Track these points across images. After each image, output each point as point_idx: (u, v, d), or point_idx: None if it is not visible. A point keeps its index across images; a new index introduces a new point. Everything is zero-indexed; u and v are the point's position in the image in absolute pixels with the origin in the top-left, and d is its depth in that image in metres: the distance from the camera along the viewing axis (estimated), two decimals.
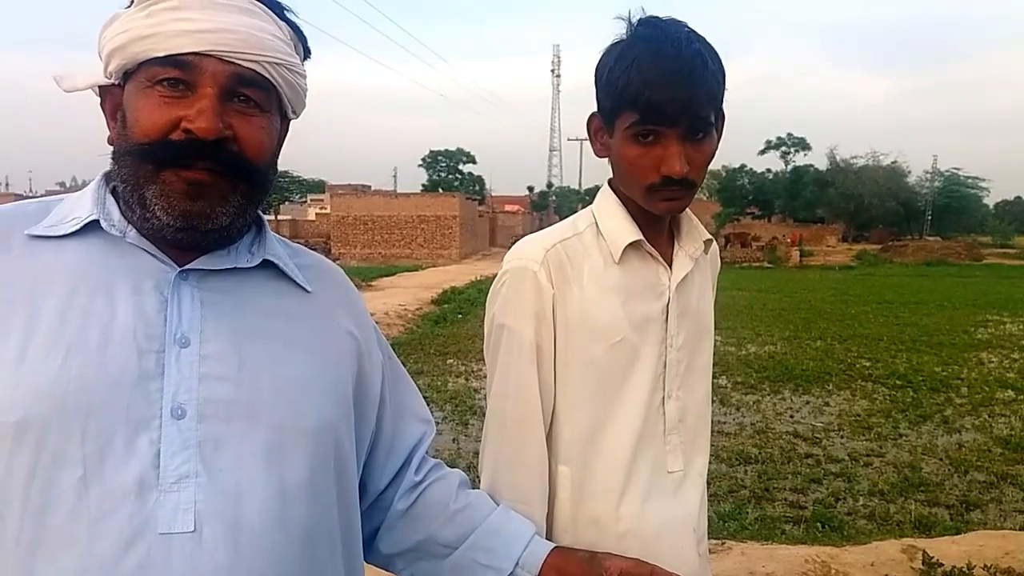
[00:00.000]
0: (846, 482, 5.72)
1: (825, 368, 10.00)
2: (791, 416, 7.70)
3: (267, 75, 0.96)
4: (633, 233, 1.30)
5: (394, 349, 1.26)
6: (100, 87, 0.99)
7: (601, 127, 1.31)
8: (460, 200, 40.49)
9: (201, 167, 0.92)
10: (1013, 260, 39.84)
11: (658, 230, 1.34)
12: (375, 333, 1.20)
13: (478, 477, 1.36)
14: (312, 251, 1.18)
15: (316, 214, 53.17)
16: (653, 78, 1.18)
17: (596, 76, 1.29)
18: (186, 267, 0.96)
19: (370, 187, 60.59)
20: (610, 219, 1.32)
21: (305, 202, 60.73)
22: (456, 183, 63.53)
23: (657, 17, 1.25)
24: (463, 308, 15.88)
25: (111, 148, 0.98)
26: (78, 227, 0.95)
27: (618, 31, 1.27)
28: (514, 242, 1.42)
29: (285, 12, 1.01)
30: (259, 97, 0.97)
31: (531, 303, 1.26)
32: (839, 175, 53.43)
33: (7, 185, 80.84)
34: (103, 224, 0.95)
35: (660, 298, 1.32)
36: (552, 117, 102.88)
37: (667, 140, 1.21)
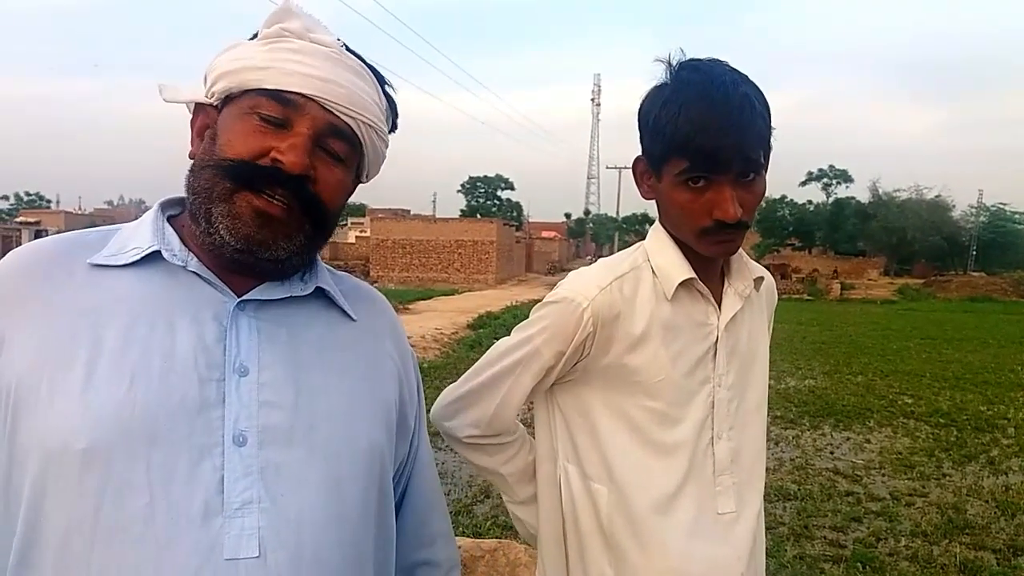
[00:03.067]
0: (887, 521, 5.60)
1: (866, 404, 9.82)
2: (831, 452, 7.56)
3: (358, 132, 1.02)
4: (686, 271, 1.30)
5: (430, 372, 1.34)
6: (196, 104, 1.03)
7: (647, 171, 1.32)
8: (498, 226, 40.66)
9: (278, 198, 0.96)
10: None
11: (710, 269, 1.34)
12: (415, 367, 1.23)
13: (504, 512, 1.39)
14: (353, 276, 1.21)
15: (356, 237, 53.68)
16: (703, 125, 1.17)
17: (641, 121, 1.29)
18: (244, 298, 0.99)
19: (409, 211, 61.21)
20: (662, 257, 1.32)
21: (346, 225, 61.48)
22: (494, 209, 63.94)
23: (699, 60, 1.26)
24: (498, 333, 15.81)
25: (191, 164, 1.01)
26: (139, 257, 0.97)
27: (658, 74, 1.27)
28: (550, 269, 1.49)
29: (386, 85, 1.07)
30: (345, 151, 1.02)
31: (566, 339, 1.30)
32: (881, 208, 52.71)
33: (58, 203, 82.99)
34: (164, 254, 0.98)
35: (708, 338, 1.32)
36: (591, 145, 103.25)
37: (719, 185, 1.21)
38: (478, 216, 54.87)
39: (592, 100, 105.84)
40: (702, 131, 1.17)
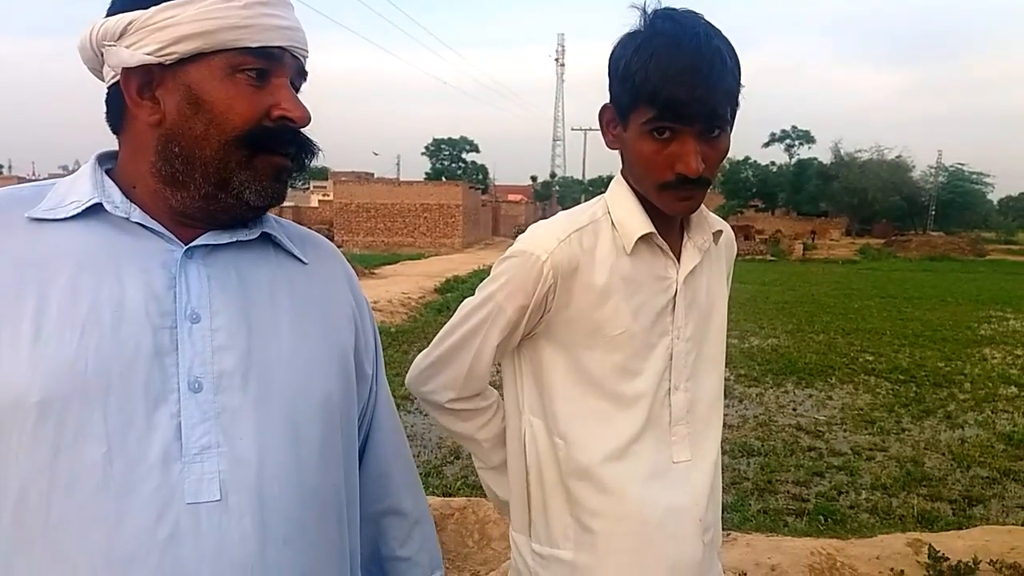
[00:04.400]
0: (848, 475, 5.73)
1: (828, 362, 10.00)
2: (794, 409, 7.70)
3: (306, 69, 1.05)
4: (645, 225, 1.29)
5: (398, 336, 1.29)
6: (127, 68, 0.96)
7: (614, 119, 1.29)
8: (463, 189, 40.42)
9: (290, 153, 1.00)
10: (1017, 256, 39.78)
11: (670, 223, 1.33)
12: (370, 315, 1.22)
13: (472, 471, 1.37)
14: (299, 225, 1.20)
15: (319, 201, 53.01)
16: (673, 75, 1.16)
17: (611, 67, 1.26)
18: (191, 244, 0.97)
19: (373, 175, 60.46)
20: (623, 210, 1.31)
21: (308, 189, 60.61)
22: (459, 172, 63.57)
23: (674, 9, 1.23)
24: (465, 296, 15.68)
25: (159, 132, 0.96)
26: (79, 210, 0.95)
27: (631, 21, 1.24)
28: (518, 231, 1.46)
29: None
30: (301, 87, 1.05)
31: (527, 293, 1.29)
32: (843, 169, 53.42)
33: (10, 168, 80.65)
34: (106, 206, 0.95)
35: (667, 291, 1.32)
36: (556, 107, 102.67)
37: (684, 138, 1.19)
38: (443, 179, 54.51)
39: (556, 60, 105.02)
40: (671, 81, 1.16)
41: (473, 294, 1.41)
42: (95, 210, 0.95)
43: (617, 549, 1.31)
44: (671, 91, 1.16)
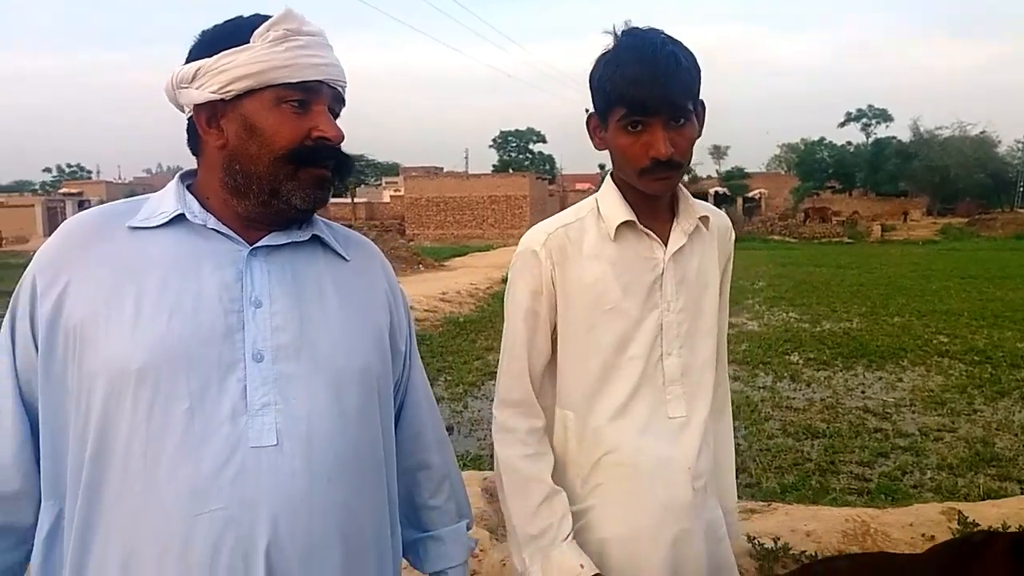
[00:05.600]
0: (914, 456, 5.70)
1: (901, 344, 9.82)
2: (862, 392, 7.64)
3: (344, 96, 1.28)
4: (626, 213, 1.51)
5: (465, 326, 1.46)
6: (195, 104, 1.22)
7: (598, 125, 1.53)
8: (530, 180, 40.61)
9: (329, 165, 1.23)
10: None
11: (656, 211, 1.54)
12: (404, 301, 1.46)
13: None
14: (345, 227, 1.46)
15: (391, 196, 53.87)
16: (635, 76, 1.39)
17: (590, 82, 1.50)
18: (255, 245, 1.23)
19: (442, 169, 61.16)
20: (607, 204, 1.54)
21: (380, 185, 61.66)
22: (527, 163, 63.69)
23: (637, 27, 1.46)
24: None
25: (224, 154, 1.21)
26: (167, 220, 1.21)
27: (606, 43, 1.47)
28: None
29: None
30: (339, 111, 1.28)
31: (531, 279, 1.52)
32: (923, 147, 51.33)
33: (98, 173, 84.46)
34: (188, 216, 1.21)
35: (655, 269, 1.52)
36: None
37: (653, 128, 1.41)
38: (511, 171, 54.71)
39: None
40: (635, 82, 1.39)
41: None
42: (179, 219, 1.21)
43: (616, 492, 1.51)
44: (635, 90, 1.39)
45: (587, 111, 1.54)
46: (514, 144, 67.41)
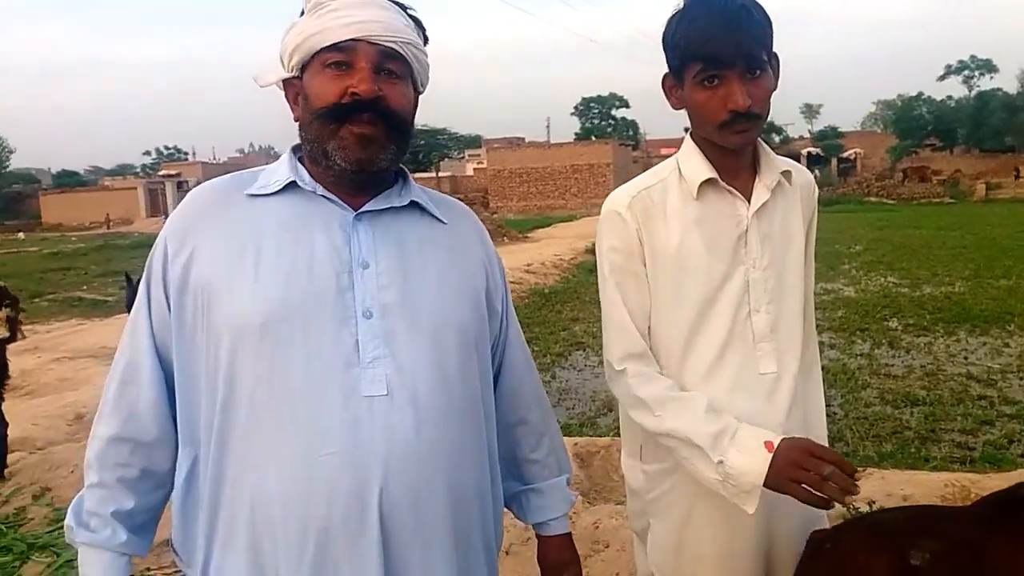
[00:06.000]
0: (1022, 424, 5.46)
1: (1007, 308, 9.38)
2: (965, 358, 7.34)
3: (402, 52, 1.27)
4: (708, 171, 1.50)
5: (550, 297, 1.48)
6: (284, 81, 1.32)
7: (674, 84, 1.52)
8: (613, 147, 40.23)
9: (366, 120, 1.24)
10: None
11: (737, 168, 1.53)
12: (500, 266, 1.50)
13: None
14: (442, 193, 1.51)
15: (474, 169, 54.19)
16: (708, 31, 1.40)
17: (663, 42, 1.50)
18: (360, 211, 1.30)
19: (524, 139, 61.03)
20: (688, 163, 1.53)
21: (463, 158, 62.02)
22: (609, 129, 62.88)
23: None
24: None
25: (298, 124, 1.31)
26: (281, 187, 1.30)
27: (676, 4, 1.48)
28: None
29: (407, 10, 1.32)
30: (399, 69, 1.28)
31: (621, 241, 1.53)
32: None
33: (194, 154, 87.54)
34: (299, 183, 1.29)
35: (739, 226, 1.51)
36: None
37: (729, 80, 1.41)
38: (593, 138, 54.16)
39: None
40: (708, 36, 1.40)
41: None
42: (291, 186, 1.30)
43: None
44: (710, 44, 1.40)
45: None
46: (596, 111, 66.63)
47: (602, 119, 65.96)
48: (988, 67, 53.74)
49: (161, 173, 57.81)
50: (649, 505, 1.63)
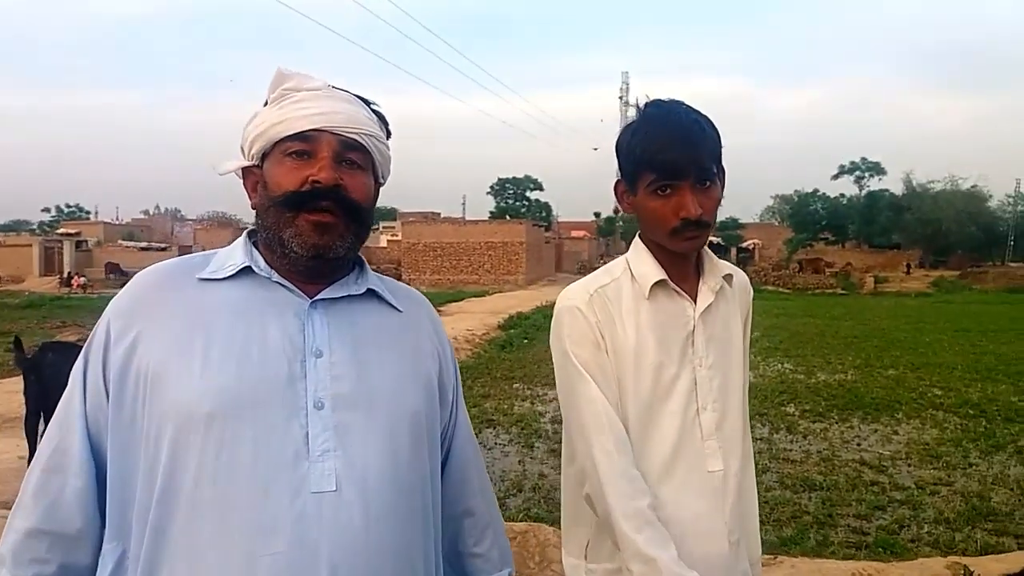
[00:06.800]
0: (911, 510, 5.71)
1: (895, 397, 9.88)
2: (858, 444, 7.67)
3: (363, 142, 1.30)
4: (659, 273, 1.58)
5: (462, 372, 1.48)
6: (244, 169, 1.34)
7: (626, 190, 1.61)
8: (527, 227, 40.88)
9: (324, 208, 1.24)
10: None
11: (683, 270, 1.61)
12: (451, 350, 1.51)
13: (543, 497, 1.59)
14: (396, 280, 1.52)
15: (388, 241, 54.06)
16: (664, 143, 1.49)
17: (618, 150, 1.60)
18: (316, 298, 1.29)
19: (440, 214, 61.48)
20: (640, 264, 1.61)
21: (377, 229, 61.91)
22: (523, 210, 64.04)
23: (661, 99, 1.58)
24: (529, 333, 16.09)
25: (255, 211, 1.32)
26: (234, 272, 1.28)
27: (631, 116, 1.60)
28: (580, 267, 1.69)
29: (371, 105, 1.37)
30: (360, 159, 1.31)
31: (585, 334, 1.55)
32: (915, 200, 51.98)
33: (96, 213, 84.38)
34: (254, 268, 1.29)
35: (686, 326, 1.58)
36: None
37: (681, 191, 1.50)
38: (507, 217, 55.04)
39: (620, 98, 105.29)
40: (664, 148, 1.49)
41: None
42: (246, 271, 1.29)
43: None
44: (665, 156, 1.49)
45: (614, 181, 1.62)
46: (511, 191, 67.89)
47: (516, 199, 67.19)
48: (877, 169, 57.38)
49: (60, 231, 55.41)
50: None
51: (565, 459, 1.68)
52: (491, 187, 67.87)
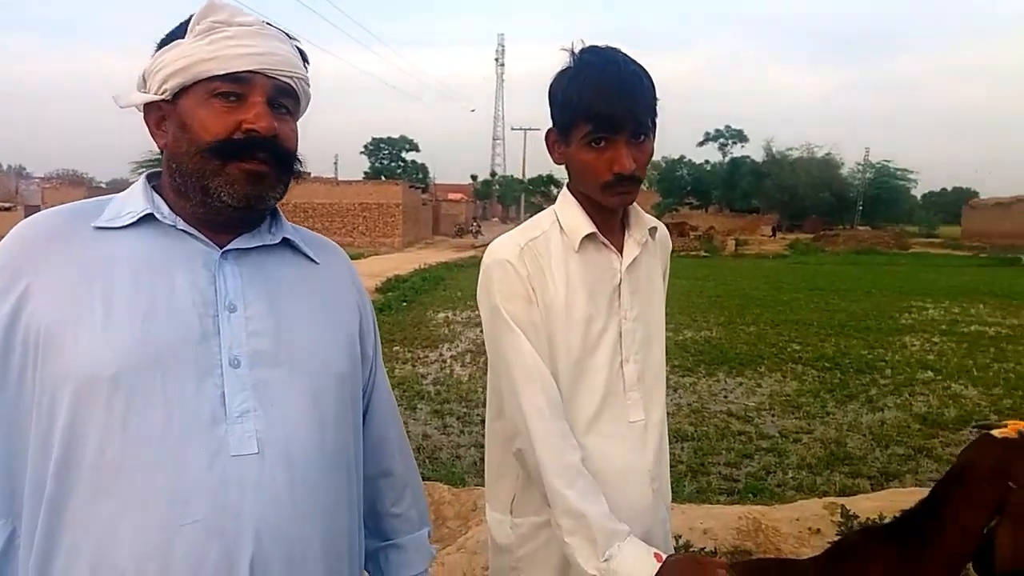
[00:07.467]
0: (776, 457, 6.04)
1: (758, 352, 10.40)
2: (725, 397, 8.03)
3: (296, 88, 1.21)
4: (588, 226, 1.53)
5: None
6: (145, 104, 1.18)
7: (558, 139, 1.54)
8: (403, 188, 40.32)
9: (260, 159, 1.15)
10: (938, 249, 41.47)
11: (610, 223, 1.58)
12: (370, 305, 1.43)
13: (428, 457, 1.53)
14: (310, 230, 1.40)
15: None
16: (602, 94, 1.42)
17: (551, 97, 1.52)
18: (226, 248, 1.18)
19: (310, 174, 59.70)
20: (569, 217, 1.56)
21: None
22: (399, 171, 63.25)
23: (597, 46, 1.50)
24: (407, 296, 15.92)
25: (166, 153, 1.18)
26: (134, 220, 1.15)
27: (563, 59, 1.50)
28: (458, 230, 1.61)
29: (293, 40, 1.24)
30: (290, 105, 1.21)
31: (516, 288, 1.49)
32: (775, 167, 54.81)
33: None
34: (157, 216, 1.16)
35: (613, 279, 1.56)
36: (496, 106, 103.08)
37: (616, 144, 1.44)
38: (383, 178, 54.13)
39: (496, 60, 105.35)
40: (601, 99, 1.42)
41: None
42: (148, 219, 1.16)
43: None
44: (602, 108, 1.42)
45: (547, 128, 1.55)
46: (386, 152, 66.82)
47: (392, 160, 66.25)
48: (740, 137, 60.03)
49: None
50: (520, 561, 1.60)
51: (491, 415, 1.64)
52: (365, 147, 66.73)
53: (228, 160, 1.13)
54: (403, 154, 67.24)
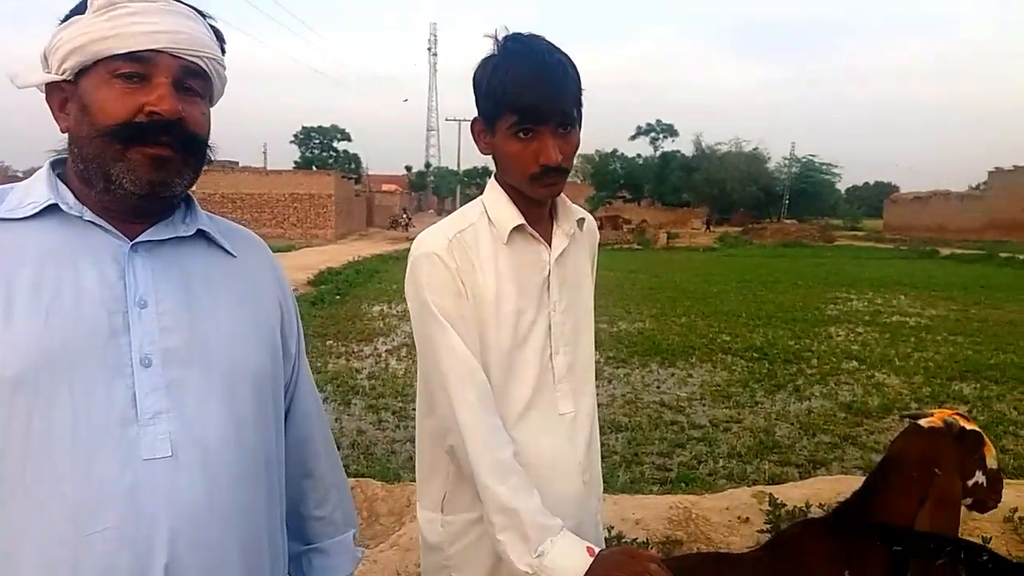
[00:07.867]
0: (708, 446, 6.15)
1: (689, 343, 10.57)
2: (658, 387, 8.15)
3: (207, 68, 1.14)
4: (517, 218, 1.51)
5: None
6: (47, 84, 1.10)
7: (484, 129, 1.51)
8: (335, 178, 39.67)
9: (164, 143, 1.08)
10: (861, 242, 42.90)
11: (538, 214, 1.56)
12: (294, 303, 1.36)
13: (362, 453, 1.49)
14: (227, 219, 1.33)
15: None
16: (527, 84, 1.40)
17: (475, 86, 1.49)
18: (136, 240, 1.12)
19: (237, 163, 58.44)
20: (497, 209, 1.53)
21: None
22: (331, 161, 62.28)
23: (521, 34, 1.47)
24: (341, 289, 15.65)
25: (69, 137, 1.11)
26: (37, 210, 1.08)
27: (487, 47, 1.47)
28: (392, 222, 1.57)
29: (208, 18, 1.17)
30: (199, 86, 1.14)
31: (445, 282, 1.45)
32: (704, 161, 55.90)
33: None
34: (61, 206, 1.09)
35: (542, 272, 1.54)
36: (429, 96, 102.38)
37: (542, 135, 1.42)
38: (314, 168, 53.21)
39: (429, 50, 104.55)
40: (527, 89, 1.40)
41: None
42: (51, 210, 1.09)
43: None
44: (527, 98, 1.40)
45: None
46: (317, 141, 65.72)
47: (323, 150, 65.21)
48: (671, 131, 60.98)
49: None
50: (452, 559, 1.57)
51: (421, 412, 1.60)
52: (295, 136, 65.46)
53: (130, 144, 1.07)
54: (335, 144, 66.24)
